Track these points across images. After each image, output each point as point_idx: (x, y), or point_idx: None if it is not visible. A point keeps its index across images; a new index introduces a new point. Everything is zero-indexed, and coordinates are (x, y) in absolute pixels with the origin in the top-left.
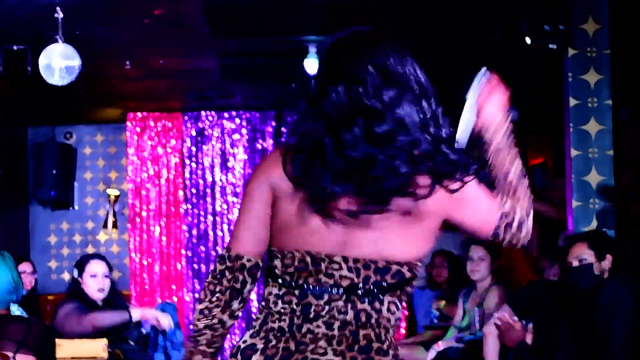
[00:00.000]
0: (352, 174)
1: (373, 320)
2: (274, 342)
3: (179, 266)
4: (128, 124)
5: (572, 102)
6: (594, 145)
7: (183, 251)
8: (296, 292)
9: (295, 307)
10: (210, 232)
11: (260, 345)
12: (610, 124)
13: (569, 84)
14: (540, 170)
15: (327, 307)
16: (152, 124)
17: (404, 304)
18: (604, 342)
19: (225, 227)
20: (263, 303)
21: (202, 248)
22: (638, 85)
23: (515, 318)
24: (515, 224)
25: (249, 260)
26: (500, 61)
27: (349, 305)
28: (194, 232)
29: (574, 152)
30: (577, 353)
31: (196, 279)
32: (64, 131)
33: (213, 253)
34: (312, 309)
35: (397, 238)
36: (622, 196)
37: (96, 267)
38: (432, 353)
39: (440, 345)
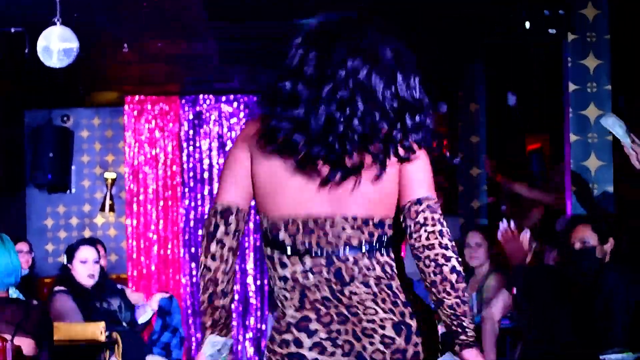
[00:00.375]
0: (323, 137)
1: (394, 270)
2: (325, 310)
3: (176, 250)
4: (125, 107)
5: (572, 87)
6: (594, 131)
7: (180, 235)
8: (321, 261)
9: (327, 275)
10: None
11: (313, 316)
12: (609, 109)
13: (569, 69)
14: (537, 156)
15: (355, 268)
16: (149, 107)
17: None
18: (604, 331)
19: None
20: (291, 283)
21: (200, 231)
22: (637, 71)
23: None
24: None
25: (237, 208)
26: (499, 48)
27: (374, 261)
28: (192, 215)
29: (573, 137)
30: (576, 340)
31: (194, 262)
32: (61, 114)
33: None
34: (343, 273)
35: (377, 195)
36: (618, 182)
37: (86, 253)
38: None
39: (439, 330)
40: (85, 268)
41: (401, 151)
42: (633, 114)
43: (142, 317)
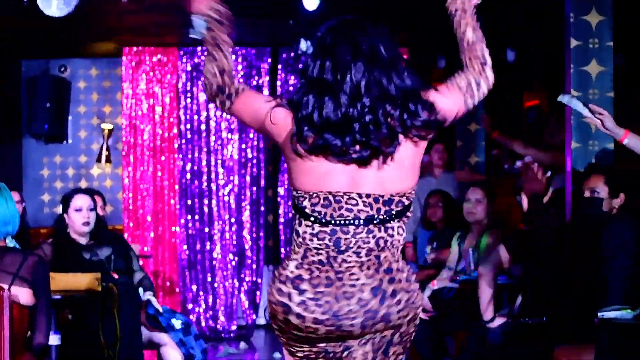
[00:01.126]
0: (344, 128)
1: (388, 244)
2: (317, 273)
3: (172, 201)
4: (123, 58)
5: (573, 42)
6: (595, 87)
7: (176, 186)
8: (327, 229)
9: (328, 242)
10: (204, 168)
11: (306, 276)
12: (611, 66)
13: (571, 25)
14: (536, 112)
15: (353, 240)
16: (147, 59)
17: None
18: (604, 287)
19: (219, 163)
20: (300, 240)
21: (196, 183)
22: (638, 28)
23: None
24: (474, 86)
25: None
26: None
27: (370, 235)
28: (188, 167)
29: (574, 94)
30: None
31: (189, 214)
32: (58, 64)
33: (207, 189)
34: (342, 242)
35: (392, 175)
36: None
37: (80, 201)
38: (427, 292)
39: (435, 284)
40: (80, 216)
41: (414, 132)
42: (632, 71)
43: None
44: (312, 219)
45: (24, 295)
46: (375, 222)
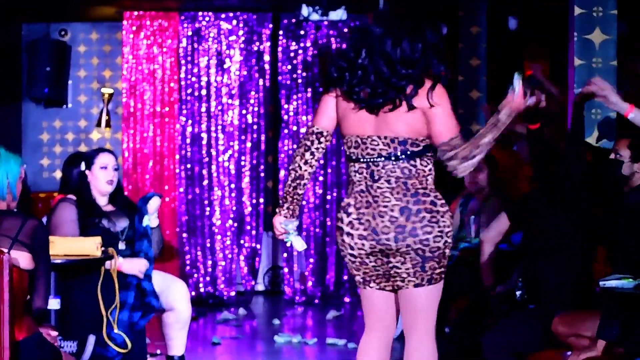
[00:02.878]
0: (364, 85)
1: (414, 172)
2: (359, 199)
3: (172, 166)
4: (124, 22)
5: (577, 10)
6: (598, 55)
7: (176, 151)
8: (363, 165)
9: (365, 174)
10: (204, 134)
11: (352, 202)
12: (614, 34)
13: None
14: (536, 81)
15: (383, 170)
16: (148, 23)
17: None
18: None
19: (219, 128)
20: (350, 177)
21: (196, 148)
22: None
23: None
24: (458, 158)
25: (317, 129)
26: None
27: (396, 165)
28: (188, 132)
29: (577, 62)
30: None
31: (189, 179)
32: (58, 28)
33: (206, 154)
34: (375, 173)
35: (403, 123)
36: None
37: (106, 159)
38: None
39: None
40: (105, 174)
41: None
42: (635, 40)
43: (144, 220)
44: (352, 157)
45: (23, 259)
46: (397, 156)
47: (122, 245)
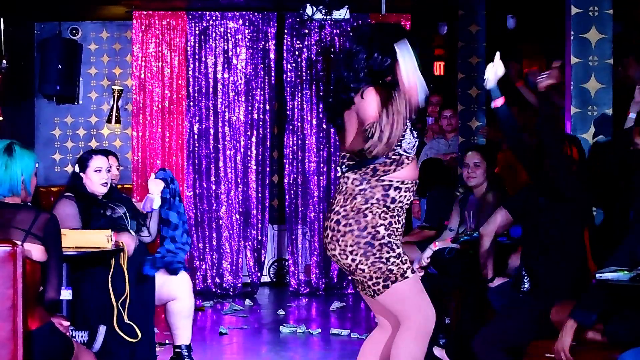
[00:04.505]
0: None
1: (344, 188)
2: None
3: (180, 162)
4: (133, 21)
5: (574, 10)
6: (594, 54)
7: (185, 147)
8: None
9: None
10: (212, 130)
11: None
12: (610, 34)
13: None
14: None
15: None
16: (157, 22)
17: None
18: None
19: (226, 124)
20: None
21: (204, 144)
22: None
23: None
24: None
25: None
26: None
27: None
28: (195, 128)
29: (574, 60)
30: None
31: (196, 174)
32: (70, 27)
33: (213, 150)
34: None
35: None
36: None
37: (100, 162)
38: (428, 252)
39: (437, 245)
40: (99, 177)
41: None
42: (630, 39)
43: (155, 203)
44: None
45: (36, 251)
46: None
47: (133, 225)
